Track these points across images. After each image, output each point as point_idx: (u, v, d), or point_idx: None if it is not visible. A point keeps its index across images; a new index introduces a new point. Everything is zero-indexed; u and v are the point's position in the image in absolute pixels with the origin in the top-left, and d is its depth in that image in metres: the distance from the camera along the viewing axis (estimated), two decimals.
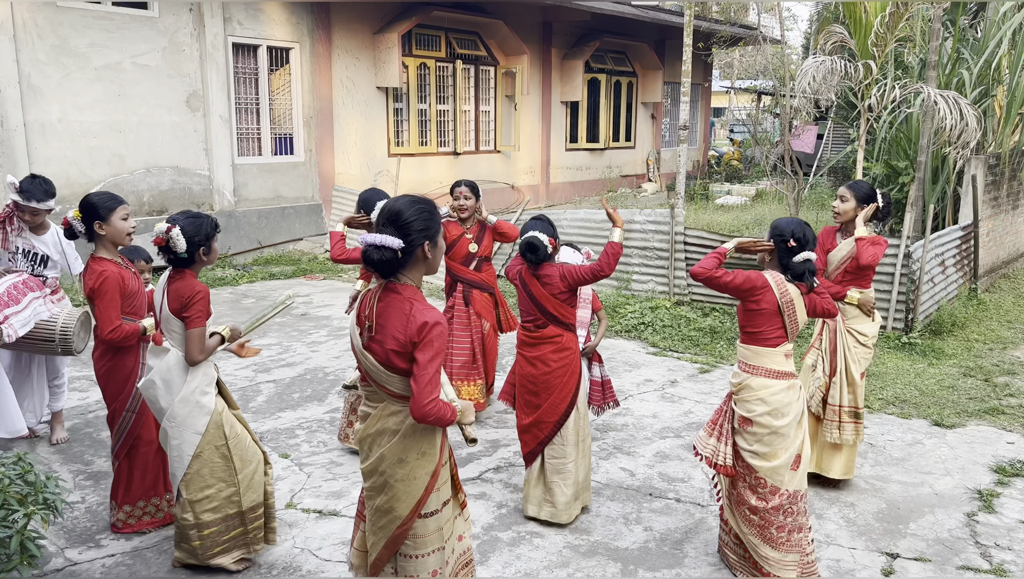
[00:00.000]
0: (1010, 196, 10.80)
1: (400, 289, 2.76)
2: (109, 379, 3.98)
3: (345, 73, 12.87)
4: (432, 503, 2.88)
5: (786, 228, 3.67)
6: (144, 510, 4.11)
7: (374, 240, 2.69)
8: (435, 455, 2.86)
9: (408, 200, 2.79)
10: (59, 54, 9.49)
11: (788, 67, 13.63)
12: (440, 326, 2.69)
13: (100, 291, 3.83)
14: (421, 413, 2.66)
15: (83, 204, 3.97)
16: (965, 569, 3.95)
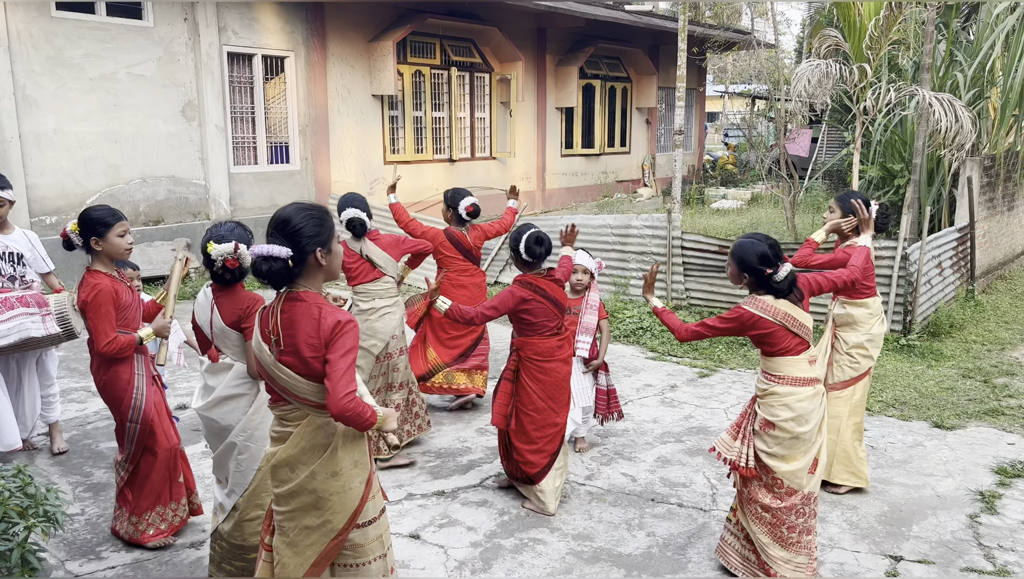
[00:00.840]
0: (1005, 197, 10.84)
1: (303, 296, 2.70)
2: (107, 391, 3.98)
3: (340, 81, 12.88)
4: (369, 511, 2.82)
5: (752, 255, 3.55)
6: (149, 522, 4.06)
7: (261, 251, 2.62)
8: (367, 464, 2.80)
9: (296, 207, 2.73)
10: (54, 65, 9.48)
11: (782, 71, 13.66)
12: (352, 324, 2.63)
13: (93, 304, 3.81)
14: (339, 408, 2.55)
15: (82, 219, 3.94)
16: (969, 571, 3.95)
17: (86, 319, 3.86)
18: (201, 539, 4.22)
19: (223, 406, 3.51)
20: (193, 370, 7.03)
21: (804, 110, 10.96)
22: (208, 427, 3.61)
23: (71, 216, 9.66)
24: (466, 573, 3.92)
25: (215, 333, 3.54)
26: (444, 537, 4.25)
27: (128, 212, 10.32)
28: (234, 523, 3.55)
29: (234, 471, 3.54)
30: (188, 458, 5.21)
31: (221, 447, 3.56)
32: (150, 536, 4.05)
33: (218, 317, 3.51)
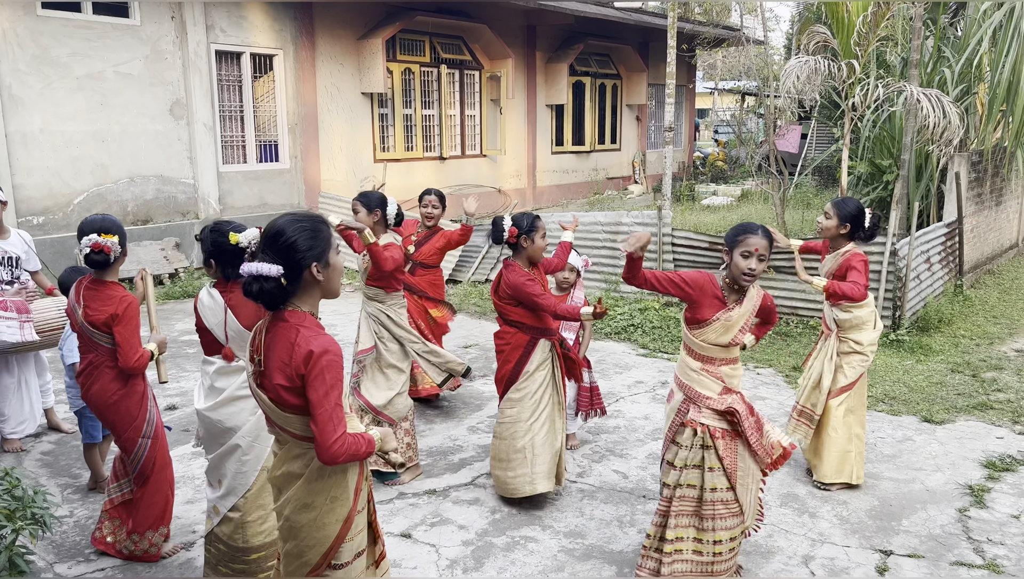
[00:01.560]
0: (993, 192, 10.89)
1: (287, 316, 2.45)
2: (120, 407, 3.82)
3: (329, 79, 12.83)
4: (344, 554, 2.57)
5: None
6: (152, 541, 3.95)
7: (250, 270, 2.38)
8: (348, 500, 2.55)
9: (289, 218, 2.47)
10: (40, 64, 9.41)
11: (771, 67, 13.68)
12: (330, 354, 2.37)
13: (125, 317, 3.70)
14: (329, 455, 2.35)
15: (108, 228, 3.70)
16: (959, 565, 3.97)
17: (109, 333, 3.71)
18: (191, 541, 4.19)
19: (230, 407, 3.46)
20: (183, 371, 7.01)
21: (793, 107, 10.96)
22: (209, 429, 3.53)
23: (58, 216, 9.60)
24: (458, 572, 3.91)
25: (230, 336, 3.45)
26: (436, 536, 4.24)
27: (116, 212, 10.27)
28: (235, 525, 3.51)
29: (235, 473, 3.49)
30: (177, 459, 5.20)
31: (221, 449, 3.50)
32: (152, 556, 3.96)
33: (233, 320, 3.42)
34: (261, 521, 3.52)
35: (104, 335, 3.73)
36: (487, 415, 6.00)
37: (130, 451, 3.89)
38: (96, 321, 3.71)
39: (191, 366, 7.05)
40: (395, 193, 13.81)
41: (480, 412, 6.07)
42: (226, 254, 3.44)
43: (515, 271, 4.35)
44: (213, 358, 3.53)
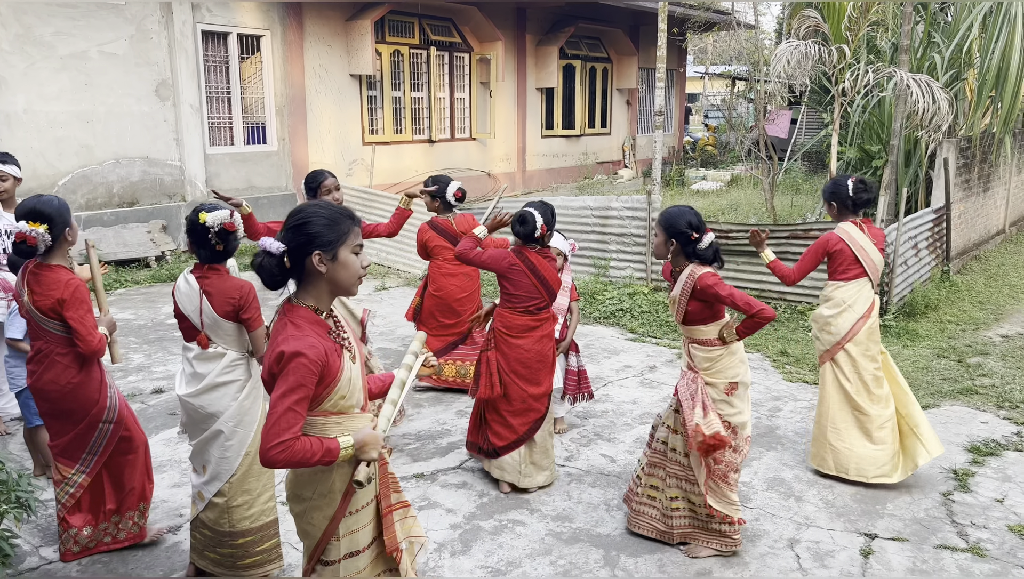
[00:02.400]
0: (981, 178, 10.93)
1: (286, 308, 2.41)
2: (77, 395, 3.64)
3: (317, 61, 12.72)
4: (331, 552, 2.52)
5: (680, 222, 3.71)
6: (135, 521, 3.88)
7: (261, 244, 2.37)
8: (334, 502, 2.47)
9: (314, 204, 2.42)
10: (23, 43, 9.28)
11: (761, 52, 13.66)
12: (299, 359, 2.26)
13: (75, 300, 3.50)
14: (266, 458, 2.25)
15: (39, 216, 3.47)
16: (942, 548, 4.00)
17: (59, 319, 3.53)
18: (177, 524, 4.18)
19: (212, 393, 3.43)
20: (170, 354, 6.97)
21: (784, 91, 10.95)
22: (191, 415, 3.50)
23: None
24: (445, 555, 3.92)
25: (206, 322, 3.42)
26: (423, 519, 4.24)
27: (102, 193, 10.18)
28: (220, 510, 3.49)
29: (219, 458, 3.47)
30: (163, 443, 5.18)
31: (204, 435, 3.48)
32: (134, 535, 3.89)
33: (208, 307, 3.39)
34: (247, 506, 3.51)
35: (52, 321, 3.55)
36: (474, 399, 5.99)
37: (88, 440, 3.70)
38: (43, 307, 3.52)
39: (177, 349, 7.00)
40: (383, 176, 13.78)
41: (467, 397, 6.05)
42: (198, 234, 3.41)
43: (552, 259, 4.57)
44: (191, 345, 3.50)
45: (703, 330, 3.82)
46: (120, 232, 9.99)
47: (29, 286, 3.57)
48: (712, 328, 3.80)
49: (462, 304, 5.88)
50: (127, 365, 6.63)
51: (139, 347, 7.14)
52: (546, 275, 4.42)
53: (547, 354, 4.52)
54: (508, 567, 3.82)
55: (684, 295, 3.76)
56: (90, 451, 3.73)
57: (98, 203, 10.16)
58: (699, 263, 3.77)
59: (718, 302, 3.74)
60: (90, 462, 3.74)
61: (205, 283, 3.41)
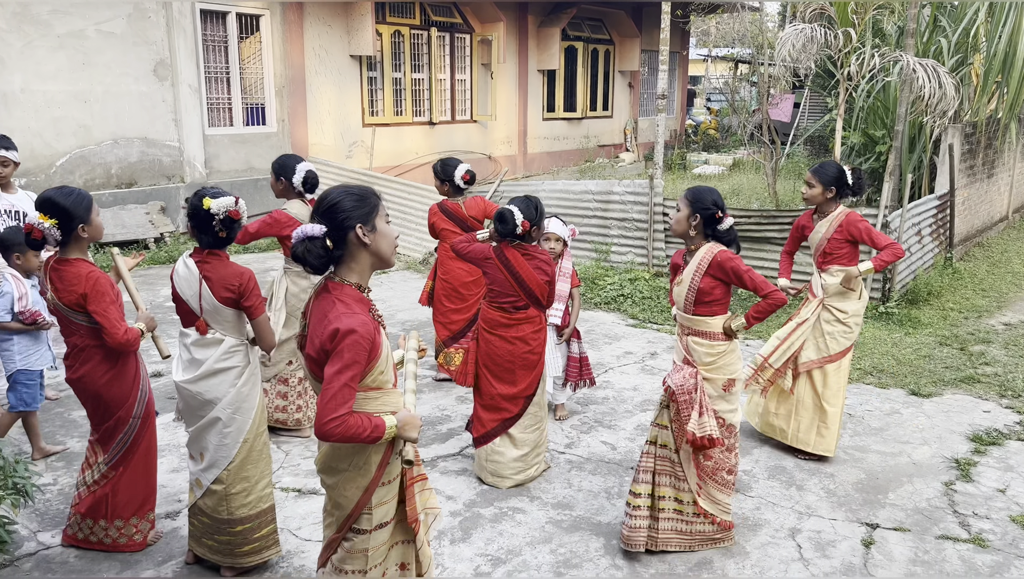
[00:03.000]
0: (985, 165, 10.86)
1: (331, 286, 2.50)
2: (112, 389, 3.59)
3: (317, 41, 12.59)
4: (363, 521, 2.61)
5: (707, 198, 3.65)
6: (138, 528, 3.79)
7: (300, 232, 2.43)
8: (369, 472, 2.56)
9: (338, 187, 2.53)
10: (20, 21, 9.17)
11: (765, 35, 13.53)
12: (354, 335, 2.37)
13: (97, 293, 3.43)
14: (321, 432, 2.36)
15: (52, 207, 3.40)
16: (944, 538, 3.99)
17: (84, 313, 3.47)
18: (176, 510, 4.17)
19: (211, 379, 3.40)
20: (169, 337, 6.93)
21: (788, 75, 10.84)
22: (188, 401, 3.47)
23: (40, 178, 9.42)
24: (445, 543, 3.90)
25: (205, 308, 3.38)
26: None
27: (100, 174, 10.10)
28: (218, 497, 3.47)
29: (217, 445, 3.44)
30: (162, 427, 5.15)
31: (201, 422, 3.45)
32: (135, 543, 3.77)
33: (208, 293, 3.35)
34: (245, 493, 3.48)
35: (79, 315, 3.50)
36: None
37: (118, 433, 3.65)
38: (68, 302, 3.48)
39: (175, 332, 6.96)
40: (383, 158, 13.69)
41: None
42: (201, 219, 3.35)
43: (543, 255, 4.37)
44: (189, 330, 3.46)
45: (708, 322, 3.71)
46: (119, 213, 9.93)
47: (52, 282, 3.52)
48: (718, 321, 3.71)
49: (469, 288, 5.83)
50: None
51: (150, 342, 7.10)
52: (522, 274, 4.22)
53: (522, 356, 4.32)
54: (508, 555, 3.80)
55: (698, 272, 3.65)
56: (119, 444, 3.68)
57: (96, 184, 10.09)
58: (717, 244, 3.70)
59: (734, 278, 3.62)
60: (116, 454, 3.68)
61: (205, 268, 3.37)
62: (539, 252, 4.32)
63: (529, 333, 4.32)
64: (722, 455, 3.75)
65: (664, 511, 3.79)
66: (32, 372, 4.49)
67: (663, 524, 3.79)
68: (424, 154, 14.58)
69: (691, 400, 3.64)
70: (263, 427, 3.56)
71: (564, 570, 3.69)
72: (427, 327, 7.33)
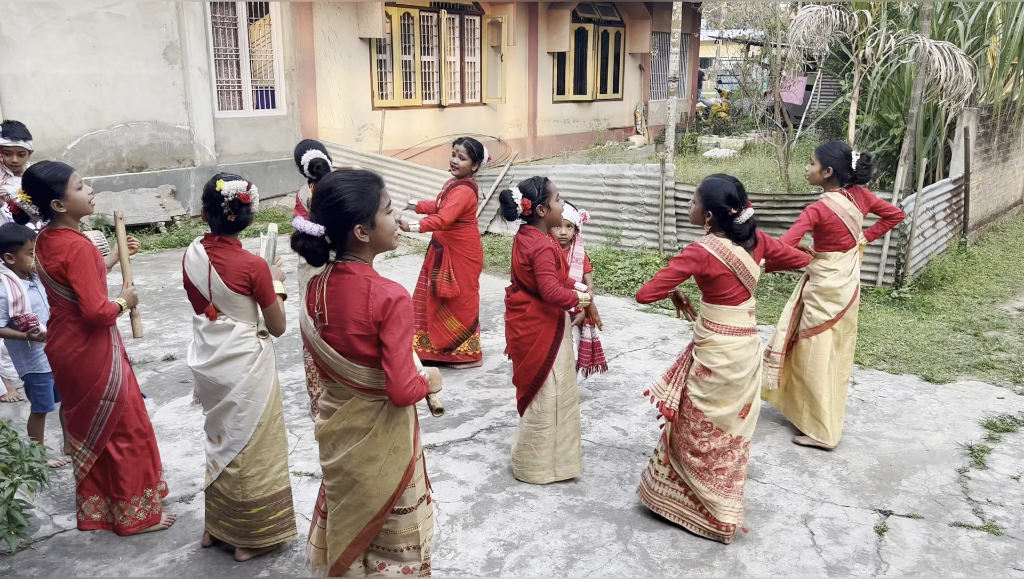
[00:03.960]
0: (1000, 148, 10.74)
1: (352, 268, 2.51)
2: (81, 366, 3.55)
3: (327, 23, 12.53)
4: (407, 499, 2.69)
5: (719, 194, 3.52)
6: (139, 506, 3.79)
7: (298, 226, 2.48)
8: (409, 450, 2.65)
9: (339, 176, 2.50)
10: (31, 4, 9.15)
11: (778, 16, 13.38)
12: (404, 301, 2.46)
13: (78, 263, 3.41)
14: (403, 396, 2.44)
15: (29, 183, 3.43)
16: (958, 526, 3.97)
17: (66, 284, 3.44)
18: (191, 493, 4.19)
19: (224, 366, 3.40)
20: (181, 321, 6.96)
21: (801, 58, 10.73)
22: (204, 386, 3.48)
23: None
24: (458, 527, 3.91)
25: (215, 294, 3.37)
26: (436, 491, 4.23)
27: (111, 158, 10.11)
28: (233, 480, 3.49)
29: (232, 429, 3.46)
30: (175, 411, 5.18)
31: (217, 406, 3.46)
32: (140, 522, 3.79)
33: (218, 278, 3.34)
34: (260, 476, 3.50)
35: (60, 286, 3.47)
36: (486, 370, 5.97)
37: (90, 414, 3.63)
38: (50, 270, 3.45)
39: (188, 316, 6.99)
40: (392, 142, 13.65)
41: (480, 367, 6.04)
42: (213, 201, 3.34)
43: (532, 236, 4.09)
44: (201, 317, 3.46)
45: (712, 309, 3.70)
46: (130, 197, 9.95)
47: (39, 251, 3.53)
48: (717, 309, 3.67)
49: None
50: None
51: (150, 314, 7.13)
52: (513, 258, 4.19)
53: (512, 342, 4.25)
54: (521, 540, 3.81)
55: None
56: (93, 426, 3.66)
57: (107, 167, 10.10)
58: (733, 239, 3.60)
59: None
60: (94, 438, 3.67)
61: (215, 254, 3.36)
62: (533, 232, 4.12)
63: (516, 321, 4.21)
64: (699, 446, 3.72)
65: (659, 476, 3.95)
66: (42, 374, 4.33)
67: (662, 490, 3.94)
68: (433, 137, 14.54)
69: (672, 366, 3.83)
70: (278, 411, 3.56)
71: (576, 555, 3.70)
72: None
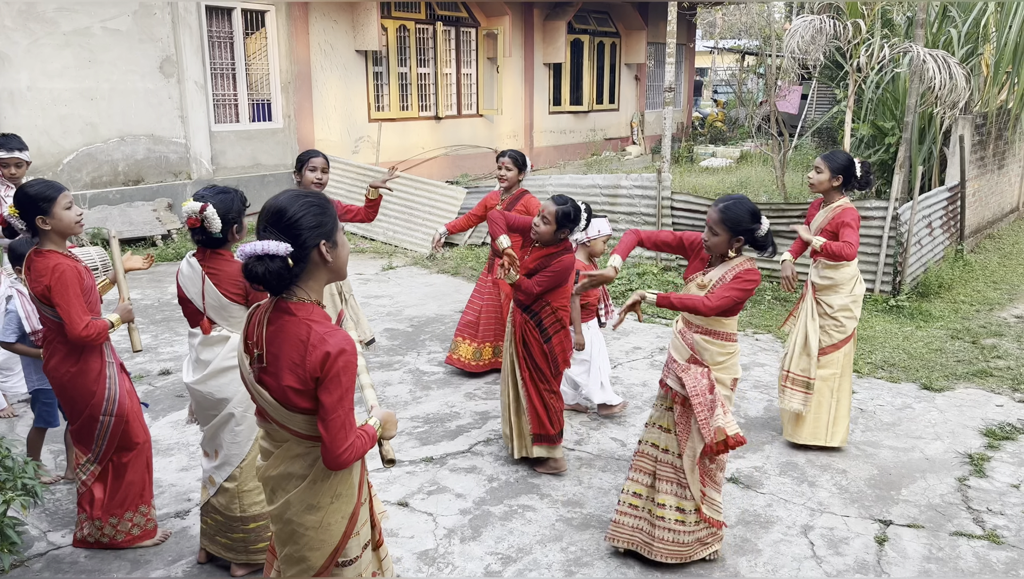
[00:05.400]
0: (996, 156, 10.77)
1: (293, 308, 2.26)
2: (76, 385, 3.56)
3: (323, 36, 12.56)
4: (352, 549, 2.46)
5: (744, 217, 3.42)
6: (133, 522, 3.77)
7: (254, 249, 2.16)
8: (352, 496, 2.43)
9: (290, 195, 2.28)
10: (26, 19, 9.16)
11: (772, 26, 13.44)
12: (346, 354, 2.21)
13: (60, 285, 3.40)
14: (337, 463, 2.24)
15: (19, 198, 3.45)
16: (958, 535, 3.95)
17: (50, 305, 3.44)
18: (186, 509, 4.16)
19: (219, 378, 3.37)
20: (177, 335, 6.93)
21: (796, 67, 10.77)
22: (200, 401, 3.46)
23: (48, 176, 9.42)
24: (455, 541, 3.89)
25: (209, 305, 3.35)
26: (433, 504, 4.21)
27: (107, 172, 10.11)
28: (231, 495, 3.46)
29: (230, 443, 3.43)
30: (170, 426, 5.15)
31: (215, 420, 3.43)
32: (134, 537, 3.77)
33: (212, 289, 3.32)
34: (258, 491, 3.47)
35: (47, 308, 3.48)
36: (484, 382, 5.95)
37: (92, 430, 3.63)
38: (36, 292, 3.46)
39: (185, 330, 6.97)
40: (390, 154, 13.66)
41: (477, 379, 6.01)
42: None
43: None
44: (196, 330, 3.44)
45: (723, 322, 3.52)
46: (126, 210, 9.93)
47: (27, 272, 3.52)
48: (732, 321, 3.54)
49: None
50: None
51: (146, 328, 7.10)
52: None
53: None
54: (519, 554, 3.78)
55: (723, 280, 3.47)
56: (97, 440, 3.67)
57: (103, 181, 10.10)
58: (759, 252, 3.53)
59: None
60: (99, 452, 3.68)
61: (208, 265, 3.35)
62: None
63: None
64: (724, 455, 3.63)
65: (664, 520, 3.59)
66: (49, 390, 4.30)
67: (661, 534, 3.60)
68: (430, 149, 14.55)
69: (706, 402, 3.45)
70: None
71: (575, 569, 3.67)
72: (435, 323, 7.32)
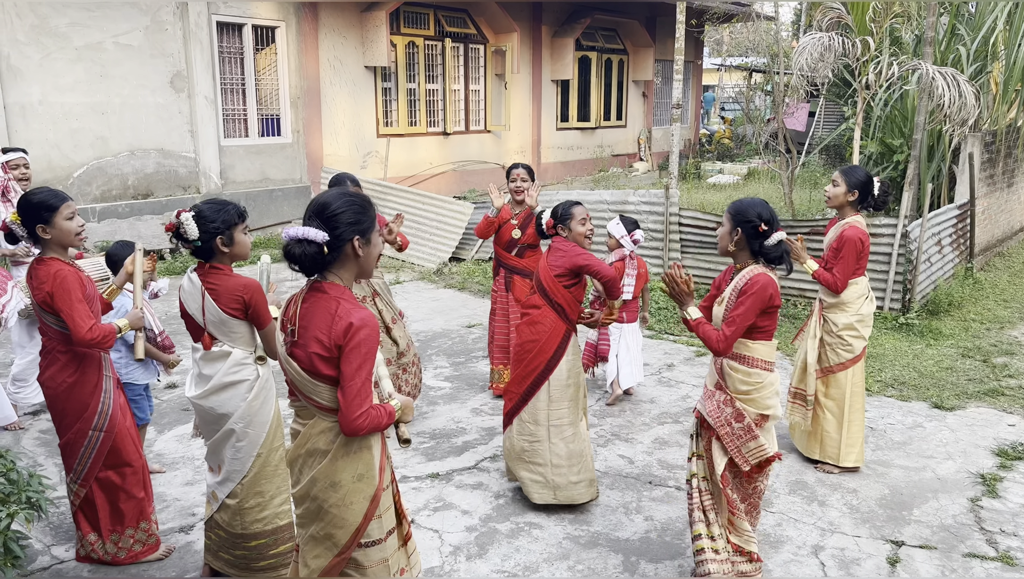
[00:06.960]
0: (1005, 173, 10.73)
1: (327, 288, 2.53)
2: (70, 396, 3.53)
3: (332, 52, 12.63)
4: (373, 531, 2.61)
5: (750, 211, 3.33)
6: (135, 538, 3.75)
7: (296, 233, 2.45)
8: (374, 478, 2.58)
9: (338, 192, 2.55)
10: (39, 34, 9.25)
11: (780, 44, 13.46)
12: (368, 329, 2.45)
13: (62, 290, 3.38)
14: (351, 428, 2.43)
15: (22, 205, 3.49)
16: (971, 557, 3.89)
17: (53, 312, 3.43)
18: (190, 523, 4.13)
19: (221, 394, 3.36)
20: (183, 349, 6.92)
21: (804, 84, 10.76)
22: (203, 416, 3.44)
23: (58, 189, 9.46)
24: (461, 559, 3.85)
25: (209, 320, 3.34)
26: (439, 521, 4.17)
27: (116, 185, 10.15)
28: (232, 511, 3.43)
29: (231, 458, 3.40)
30: (176, 439, 5.14)
31: (217, 435, 3.41)
32: (136, 553, 3.74)
33: (212, 305, 3.31)
34: (259, 508, 3.44)
35: (48, 316, 3.47)
36: (490, 397, 5.92)
37: (79, 445, 3.58)
38: (38, 300, 3.46)
39: (190, 344, 6.96)
40: (397, 169, 13.70)
41: (483, 394, 5.99)
42: None
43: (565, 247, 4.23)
44: (198, 345, 3.43)
45: (748, 345, 3.34)
46: (135, 224, 9.97)
47: (29, 281, 3.52)
48: (760, 346, 3.34)
49: None
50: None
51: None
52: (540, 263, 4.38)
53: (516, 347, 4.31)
54: (525, 572, 3.74)
55: (734, 292, 3.33)
56: (80, 459, 3.60)
57: (113, 195, 10.14)
58: (765, 264, 3.37)
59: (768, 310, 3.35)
60: (81, 472, 3.61)
61: (208, 281, 3.34)
62: (564, 243, 4.27)
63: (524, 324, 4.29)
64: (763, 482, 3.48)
65: (719, 553, 3.41)
66: (135, 386, 4.39)
67: (713, 566, 3.41)
68: (438, 164, 14.59)
69: (733, 432, 3.30)
70: (279, 442, 3.51)
71: None
72: (441, 338, 7.31)
